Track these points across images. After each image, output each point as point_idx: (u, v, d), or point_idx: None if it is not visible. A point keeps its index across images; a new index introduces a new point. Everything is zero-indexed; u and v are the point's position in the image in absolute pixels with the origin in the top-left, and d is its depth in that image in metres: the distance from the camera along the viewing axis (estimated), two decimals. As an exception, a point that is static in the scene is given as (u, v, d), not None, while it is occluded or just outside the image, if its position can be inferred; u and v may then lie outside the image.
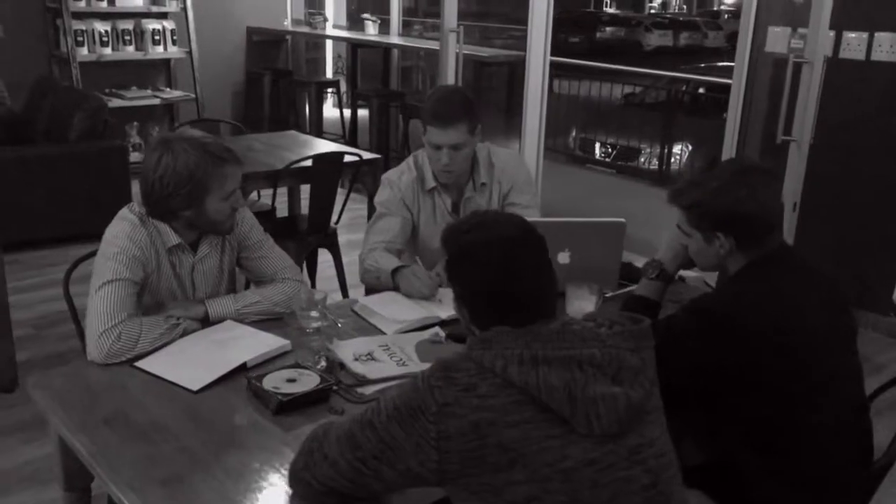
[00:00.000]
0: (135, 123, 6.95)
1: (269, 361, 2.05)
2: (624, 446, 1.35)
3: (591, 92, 8.46)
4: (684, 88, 8.42)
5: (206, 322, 2.21)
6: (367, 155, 4.35)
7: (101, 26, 6.75)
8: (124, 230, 2.15)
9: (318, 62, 8.68)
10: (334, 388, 1.89)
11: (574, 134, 8.97)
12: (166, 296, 2.24)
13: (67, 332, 3.97)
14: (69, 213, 5.07)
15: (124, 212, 2.21)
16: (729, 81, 4.74)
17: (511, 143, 6.23)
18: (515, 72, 6.12)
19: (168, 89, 7.36)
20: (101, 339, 2.00)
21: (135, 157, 6.06)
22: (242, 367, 1.99)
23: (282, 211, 4.82)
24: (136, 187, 2.23)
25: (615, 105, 8.95)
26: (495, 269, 1.43)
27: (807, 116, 3.99)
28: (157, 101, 7.13)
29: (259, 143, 4.69)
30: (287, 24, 8.23)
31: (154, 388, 1.92)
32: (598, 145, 8.85)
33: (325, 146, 4.62)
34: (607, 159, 8.79)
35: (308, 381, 1.88)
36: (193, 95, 7.25)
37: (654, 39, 20.61)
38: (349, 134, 7.31)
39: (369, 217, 4.46)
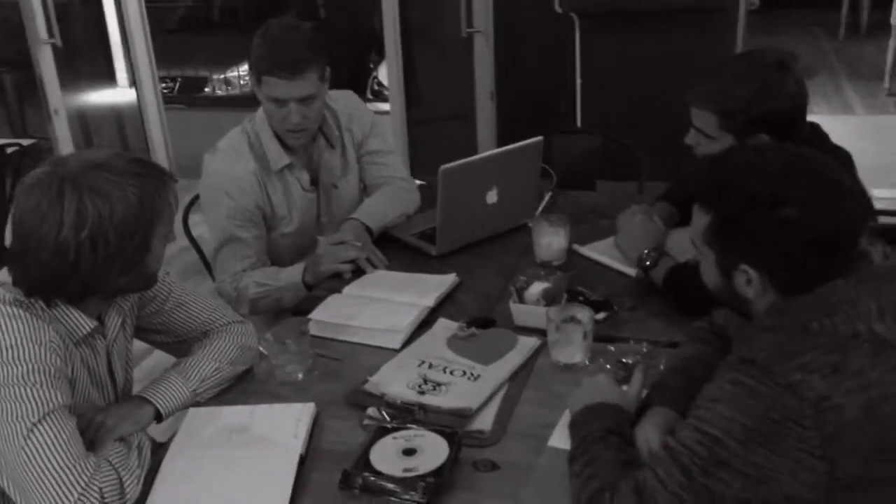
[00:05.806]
0: None
1: (314, 439, 1.44)
2: None
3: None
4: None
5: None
6: (26, 141, 3.27)
7: None
8: (21, 333, 1.28)
9: None
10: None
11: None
12: (83, 406, 1.43)
13: None
14: None
15: None
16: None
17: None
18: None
19: None
20: (75, 510, 1.21)
21: None
22: (300, 463, 1.37)
23: None
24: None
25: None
26: (834, 207, 1.12)
27: (487, 6, 4.03)
28: None
29: None
30: None
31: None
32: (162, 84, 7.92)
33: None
34: (174, 94, 7.95)
35: (431, 444, 1.35)
36: None
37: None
38: None
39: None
